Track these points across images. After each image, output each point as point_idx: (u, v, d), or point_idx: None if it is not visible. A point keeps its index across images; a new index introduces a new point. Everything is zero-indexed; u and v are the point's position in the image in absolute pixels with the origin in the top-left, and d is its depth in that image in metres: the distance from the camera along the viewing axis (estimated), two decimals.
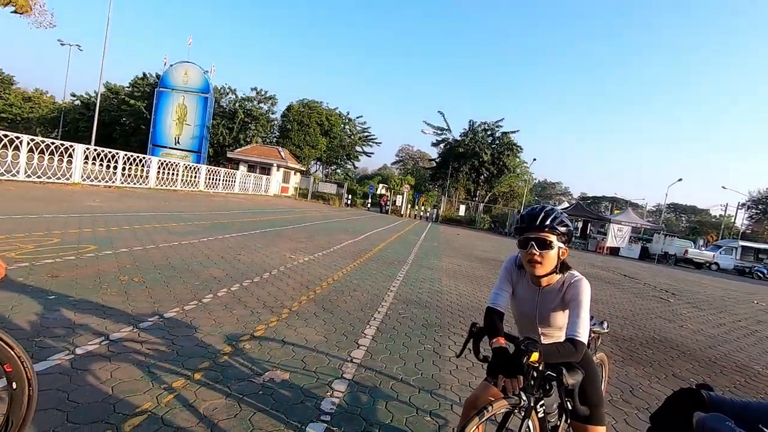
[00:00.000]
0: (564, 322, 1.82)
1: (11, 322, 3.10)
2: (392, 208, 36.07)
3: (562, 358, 1.58)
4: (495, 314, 1.83)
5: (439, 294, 6.46)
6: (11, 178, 12.63)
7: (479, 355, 1.78)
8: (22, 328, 3.02)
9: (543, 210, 1.78)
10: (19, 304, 3.46)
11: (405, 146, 76.53)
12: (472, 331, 1.83)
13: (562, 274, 1.82)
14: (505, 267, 1.97)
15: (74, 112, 44.89)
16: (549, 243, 1.73)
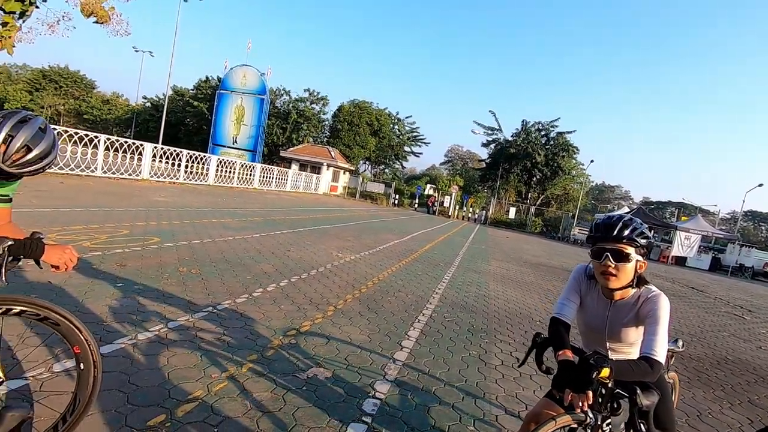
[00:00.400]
0: (635, 338, 1.70)
1: (84, 306, 3.38)
2: (440, 209, 35.72)
3: (635, 377, 1.46)
4: (561, 325, 1.74)
5: (485, 299, 6.28)
6: (90, 174, 13.86)
7: (542, 367, 1.70)
8: (92, 312, 3.28)
9: (621, 219, 1.66)
10: (91, 289, 3.76)
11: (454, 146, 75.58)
12: (536, 341, 1.74)
13: (637, 289, 1.69)
14: (573, 277, 1.86)
15: (145, 113, 48.53)
16: (626, 255, 1.61)
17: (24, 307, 1.64)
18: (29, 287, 3.55)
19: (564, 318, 1.76)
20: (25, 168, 1.53)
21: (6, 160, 1.48)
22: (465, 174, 56.03)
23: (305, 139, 40.75)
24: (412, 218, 23.78)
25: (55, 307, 1.68)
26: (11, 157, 1.48)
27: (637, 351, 1.71)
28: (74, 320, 1.69)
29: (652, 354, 1.49)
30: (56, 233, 5.59)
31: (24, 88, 55.10)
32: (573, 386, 1.42)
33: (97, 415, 2.06)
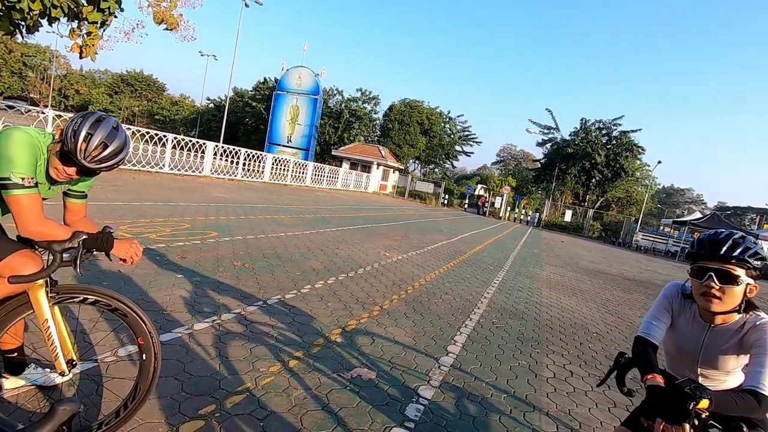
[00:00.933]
0: (734, 366, 1.52)
1: (148, 294, 3.62)
2: (490, 210, 34.83)
3: (737, 412, 1.30)
4: (648, 346, 1.58)
5: (537, 306, 6.01)
6: (159, 170, 14.92)
7: (623, 389, 1.57)
8: (155, 301, 3.50)
9: (731, 237, 1.48)
10: (155, 279, 4.02)
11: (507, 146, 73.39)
12: (619, 361, 1.60)
13: (744, 314, 1.50)
14: (664, 294, 1.70)
15: (208, 113, 51.54)
16: (734, 278, 1.43)
17: (98, 297, 1.76)
18: (102, 275, 3.86)
19: (652, 339, 1.61)
20: (102, 164, 1.65)
21: (86, 157, 1.60)
22: (518, 174, 54.18)
23: (356, 138, 41.35)
24: (461, 219, 23.37)
25: (124, 299, 1.79)
26: (91, 154, 1.61)
27: (733, 380, 1.55)
28: (140, 313, 1.80)
29: (759, 388, 1.31)
30: (127, 225, 6.06)
31: (105, 92, 60.57)
32: (666, 416, 1.28)
33: (154, 401, 2.19)
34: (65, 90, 61.36)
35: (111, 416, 1.83)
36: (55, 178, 1.66)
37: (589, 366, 4.01)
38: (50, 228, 1.60)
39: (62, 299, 1.73)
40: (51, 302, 1.68)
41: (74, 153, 1.57)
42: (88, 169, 1.63)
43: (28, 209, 1.54)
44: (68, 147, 1.56)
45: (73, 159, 1.58)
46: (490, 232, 17.56)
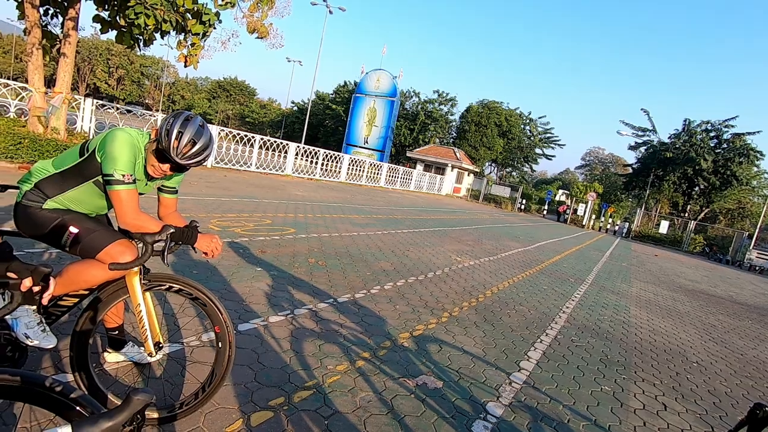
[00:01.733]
0: None
1: (229, 285, 3.87)
2: (572, 218, 32.58)
3: None
4: None
5: (625, 326, 5.45)
6: (246, 169, 16.11)
7: None
8: (236, 292, 3.74)
9: None
10: (237, 271, 4.30)
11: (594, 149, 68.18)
12: (756, 414, 1.34)
13: None
14: None
15: (292, 116, 54.69)
16: None
17: (182, 286, 1.90)
18: (192, 264, 4.21)
19: None
20: (191, 160, 1.78)
21: (179, 154, 1.73)
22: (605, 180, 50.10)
23: (431, 139, 41.17)
24: (539, 225, 22.15)
25: (205, 289, 1.91)
26: (182, 151, 1.74)
27: None
28: (218, 303, 1.91)
29: None
30: (217, 219, 6.58)
31: (205, 97, 67.08)
32: None
33: (230, 387, 2.31)
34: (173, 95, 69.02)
35: (191, 397, 1.96)
36: (152, 174, 1.82)
37: (686, 401, 3.52)
38: (144, 221, 1.75)
39: (152, 286, 1.89)
40: (143, 288, 1.84)
41: (168, 151, 1.71)
42: (179, 165, 1.76)
43: (126, 203, 1.71)
44: (163, 145, 1.70)
45: (167, 156, 1.72)
46: (571, 241, 16.40)
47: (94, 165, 1.73)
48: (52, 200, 1.80)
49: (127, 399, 0.73)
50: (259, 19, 8.97)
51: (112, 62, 60.73)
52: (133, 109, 13.92)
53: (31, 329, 1.68)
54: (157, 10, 7.31)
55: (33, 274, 1.13)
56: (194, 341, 2.74)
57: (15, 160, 7.41)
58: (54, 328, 1.84)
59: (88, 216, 1.88)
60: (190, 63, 9.26)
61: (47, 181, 1.79)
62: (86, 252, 1.76)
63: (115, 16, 8.19)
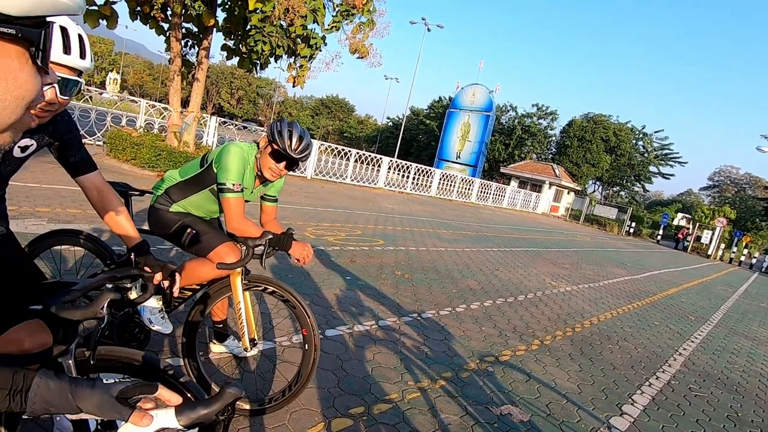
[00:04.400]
0: None
1: (320, 290, 4.06)
2: (694, 245, 28.40)
3: None
4: None
5: (763, 378, 4.55)
6: (342, 181, 16.96)
7: None
8: (325, 298, 3.91)
9: None
10: (328, 278, 4.51)
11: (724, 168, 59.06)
12: None
13: None
14: None
15: (387, 131, 56.45)
16: None
17: (276, 289, 2.04)
18: (289, 269, 4.52)
19: None
20: (303, 153, 1.95)
21: (294, 149, 1.92)
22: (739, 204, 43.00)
23: (528, 155, 39.30)
24: (652, 252, 19.69)
25: (296, 293, 2.03)
26: (295, 146, 1.92)
27: None
28: (306, 307, 2.01)
29: None
30: (312, 227, 7.00)
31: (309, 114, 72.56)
32: None
33: (314, 390, 2.40)
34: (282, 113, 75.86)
35: (279, 394, 2.08)
36: (271, 177, 2.02)
37: None
38: (248, 226, 1.93)
39: (251, 286, 2.06)
40: (243, 288, 2.02)
41: (285, 148, 1.90)
42: (294, 159, 1.94)
43: (234, 209, 1.90)
44: (279, 146, 1.89)
45: (283, 154, 1.91)
46: (692, 273, 14.28)
47: (211, 175, 1.97)
48: (177, 204, 2.08)
49: (221, 391, 0.79)
50: (361, 40, 9.47)
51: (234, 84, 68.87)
52: (248, 126, 15.59)
53: (154, 315, 1.94)
54: (272, 37, 8.13)
55: (163, 270, 1.31)
56: (285, 341, 2.92)
57: (155, 169, 8.73)
58: (171, 317, 2.10)
59: (203, 219, 2.14)
60: (297, 83, 10.09)
61: (174, 188, 2.07)
62: (200, 251, 1.99)
63: (239, 44, 9.28)
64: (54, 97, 1.22)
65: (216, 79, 66.66)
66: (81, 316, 0.90)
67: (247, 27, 8.86)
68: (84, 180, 1.52)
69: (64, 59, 1.21)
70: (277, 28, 8.27)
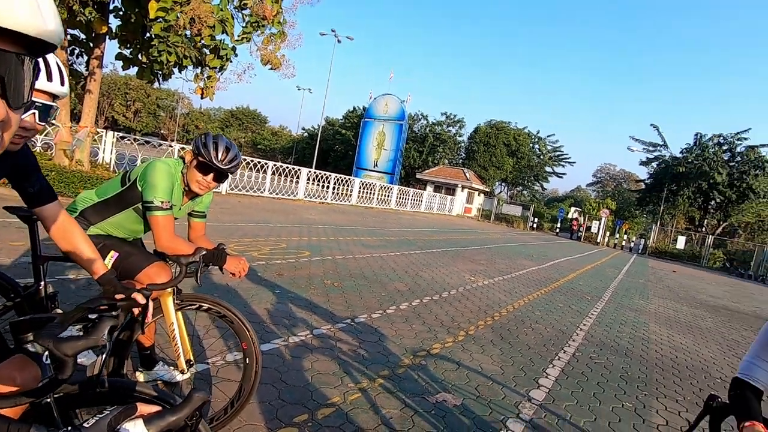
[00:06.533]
0: None
1: (250, 306, 3.97)
2: (585, 235, 32.21)
3: None
4: (748, 390, 1.37)
5: (645, 342, 5.38)
6: (260, 194, 16.44)
7: None
8: (256, 313, 3.83)
9: None
10: (256, 294, 4.41)
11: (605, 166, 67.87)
12: (711, 405, 1.40)
13: None
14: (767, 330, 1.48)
15: (303, 142, 55.82)
16: None
17: (212, 305, 2.01)
18: (213, 287, 4.34)
19: (753, 381, 1.38)
20: (230, 165, 1.97)
21: (222, 161, 1.92)
22: (618, 196, 49.63)
23: (441, 161, 41.48)
24: (552, 243, 21.95)
25: (232, 308, 2.02)
26: (222, 157, 1.93)
27: None
28: (245, 320, 2.01)
29: None
30: (233, 244, 6.74)
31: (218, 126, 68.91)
32: None
33: (255, 405, 2.38)
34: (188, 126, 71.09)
35: (220, 413, 2.04)
36: (199, 191, 1.99)
37: None
38: (179, 244, 1.88)
39: (184, 306, 2.00)
40: (176, 308, 1.96)
41: (211, 160, 1.90)
42: (222, 171, 1.94)
43: (163, 228, 1.85)
44: (205, 158, 1.88)
45: (211, 166, 1.90)
46: (585, 259, 16.21)
47: (134, 193, 1.89)
48: (95, 227, 1.95)
49: (189, 397, 0.83)
50: (273, 51, 9.37)
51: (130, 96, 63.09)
52: (151, 140, 14.44)
53: None
54: (178, 48, 7.72)
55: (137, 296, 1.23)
56: (219, 361, 2.83)
57: None
58: None
59: (125, 240, 2.03)
60: (206, 95, 9.66)
61: (91, 210, 1.95)
62: (126, 274, 1.89)
63: (137, 54, 8.65)
64: (33, 122, 1.15)
65: (108, 90, 60.50)
66: (83, 347, 0.84)
67: (146, 35, 8.31)
68: (43, 211, 1.37)
69: (47, 86, 1.16)
70: (183, 38, 7.87)
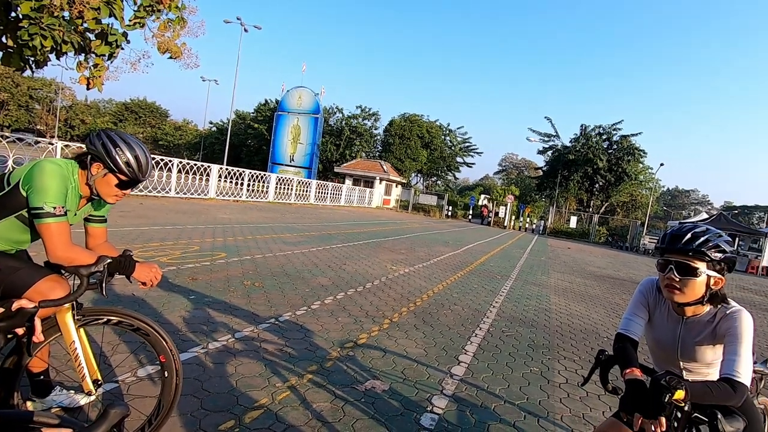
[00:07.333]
0: (713, 357, 1.57)
1: (162, 316, 3.69)
2: (495, 220, 34.81)
3: (715, 401, 1.34)
4: (627, 342, 1.63)
5: (547, 313, 6.02)
6: (165, 195, 15.14)
7: (608, 386, 1.60)
8: (170, 323, 3.57)
9: (691, 230, 1.52)
10: (168, 301, 4.10)
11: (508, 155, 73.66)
12: (600, 358, 1.64)
13: (715, 306, 1.54)
14: (640, 290, 1.74)
15: (211, 137, 52.31)
16: (693, 270, 1.47)
17: (121, 318, 1.85)
18: (116, 299, 3.94)
19: (630, 334, 1.65)
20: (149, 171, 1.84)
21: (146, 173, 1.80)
22: (521, 183, 54.28)
23: (358, 154, 41.72)
24: (466, 230, 23.38)
25: (145, 318, 1.87)
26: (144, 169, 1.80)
27: (716, 372, 1.57)
28: (161, 331, 1.88)
29: (733, 375, 1.36)
30: (137, 250, 6.16)
31: (110, 120, 61.69)
32: (643, 411, 1.31)
33: (175, 418, 2.24)
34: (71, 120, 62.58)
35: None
36: (112, 202, 1.83)
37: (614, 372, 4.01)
38: (78, 253, 1.69)
39: (88, 321, 1.81)
40: (77, 324, 1.76)
41: (138, 176, 1.77)
42: (140, 181, 1.81)
43: (58, 236, 1.64)
44: (132, 176, 1.72)
45: (135, 181, 1.78)
46: (495, 242, 17.55)
47: (17, 199, 1.64)
48: None
49: (105, 413, 0.77)
50: (171, 38, 8.63)
51: None
52: (25, 137, 12.49)
53: None
54: (55, 31, 6.73)
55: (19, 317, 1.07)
56: (131, 377, 2.60)
57: None
58: None
59: (7, 254, 1.77)
60: (93, 85, 8.61)
61: None
62: (11, 292, 1.65)
63: (1, 37, 7.40)
64: None
65: None
66: None
67: (10, 15, 7.14)
68: None
69: None
70: (60, 20, 6.90)
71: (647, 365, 1.67)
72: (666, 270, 1.53)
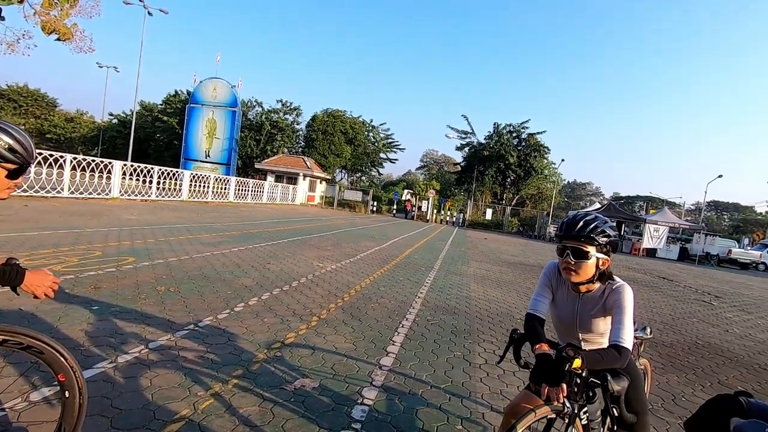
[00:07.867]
0: (605, 328, 1.80)
1: (59, 331, 3.28)
2: (418, 214, 36.00)
3: (606, 365, 1.55)
4: (536, 320, 1.82)
5: (467, 300, 6.39)
6: (56, 195, 13.38)
7: (520, 362, 1.77)
8: (69, 338, 3.19)
9: (583, 218, 1.74)
10: (66, 314, 3.65)
11: (429, 151, 76.40)
12: (513, 337, 1.82)
13: (604, 283, 1.78)
14: (544, 273, 1.96)
15: (112, 130, 47.19)
16: (585, 253, 1.70)
17: (6, 336, 1.61)
18: None
19: (538, 313, 1.85)
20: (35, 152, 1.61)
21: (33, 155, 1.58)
22: (441, 178, 56.68)
23: (280, 150, 40.45)
24: (390, 224, 23.88)
25: (38, 334, 1.65)
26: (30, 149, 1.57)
27: (608, 340, 1.81)
28: (59, 347, 1.67)
29: (619, 341, 1.59)
30: (24, 258, 5.39)
31: None
32: (548, 380, 1.49)
33: None
34: None
35: None
36: (5, 197, 1.57)
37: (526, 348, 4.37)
38: None
39: None
40: None
41: (28, 160, 1.54)
42: (30, 165, 1.58)
43: None
44: (21, 160, 1.50)
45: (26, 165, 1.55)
46: (418, 235, 18.17)
47: None
48: None
49: None
50: (59, 18, 7.62)
51: None
52: None
53: None
54: None
55: None
56: (20, 403, 2.29)
57: None
58: None
59: None
60: None
61: None
62: None
63: None
64: None
65: None
66: None
67: None
68: None
69: None
70: None
71: (554, 340, 1.87)
72: (564, 254, 1.73)
